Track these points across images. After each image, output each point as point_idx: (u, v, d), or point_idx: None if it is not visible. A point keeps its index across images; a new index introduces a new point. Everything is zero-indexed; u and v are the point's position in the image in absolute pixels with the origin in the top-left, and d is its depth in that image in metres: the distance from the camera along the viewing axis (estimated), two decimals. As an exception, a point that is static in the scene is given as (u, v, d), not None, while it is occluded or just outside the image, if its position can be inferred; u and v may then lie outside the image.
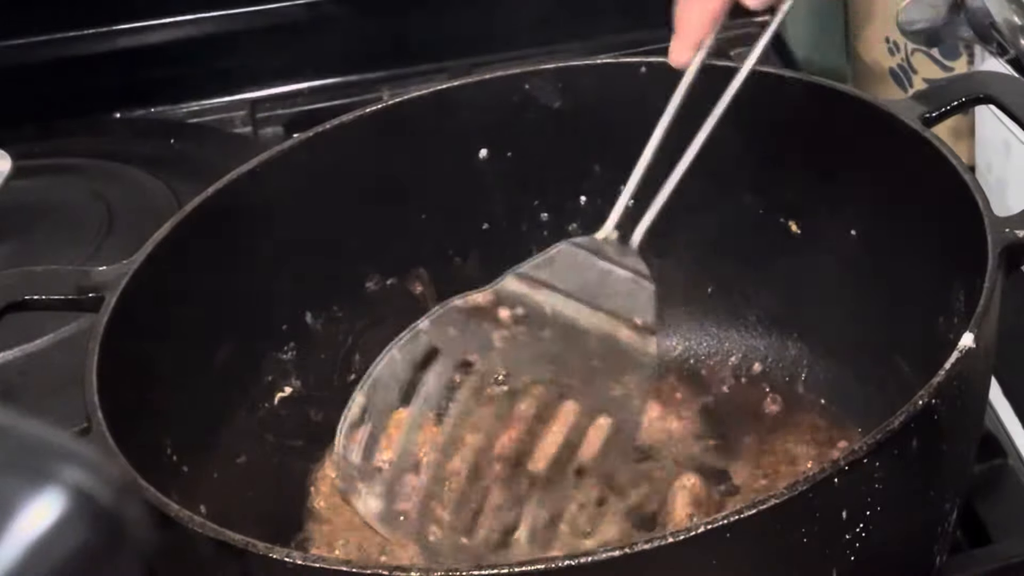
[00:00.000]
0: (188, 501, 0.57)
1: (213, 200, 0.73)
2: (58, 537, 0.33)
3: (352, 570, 0.52)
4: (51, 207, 0.98)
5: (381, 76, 1.16)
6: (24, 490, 0.33)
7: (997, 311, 0.61)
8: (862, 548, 0.56)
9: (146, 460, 0.59)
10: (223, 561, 0.54)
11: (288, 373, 0.78)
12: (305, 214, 0.76)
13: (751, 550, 0.54)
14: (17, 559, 0.33)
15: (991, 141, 0.92)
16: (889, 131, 0.70)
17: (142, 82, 1.15)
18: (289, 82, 1.16)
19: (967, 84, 0.74)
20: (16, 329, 0.74)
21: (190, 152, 1.07)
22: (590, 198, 0.82)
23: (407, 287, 0.82)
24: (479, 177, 0.80)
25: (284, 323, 0.78)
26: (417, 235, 0.80)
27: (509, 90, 0.79)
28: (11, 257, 0.90)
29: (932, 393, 0.56)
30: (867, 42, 1.05)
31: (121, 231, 0.94)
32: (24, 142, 1.02)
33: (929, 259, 0.69)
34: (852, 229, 0.75)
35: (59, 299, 0.68)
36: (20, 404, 0.80)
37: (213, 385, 0.73)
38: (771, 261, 0.79)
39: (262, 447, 0.75)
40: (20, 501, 0.33)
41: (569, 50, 1.14)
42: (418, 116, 0.79)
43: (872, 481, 0.55)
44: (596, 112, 0.79)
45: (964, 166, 0.66)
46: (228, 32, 1.14)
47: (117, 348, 0.64)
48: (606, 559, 0.51)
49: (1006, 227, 0.63)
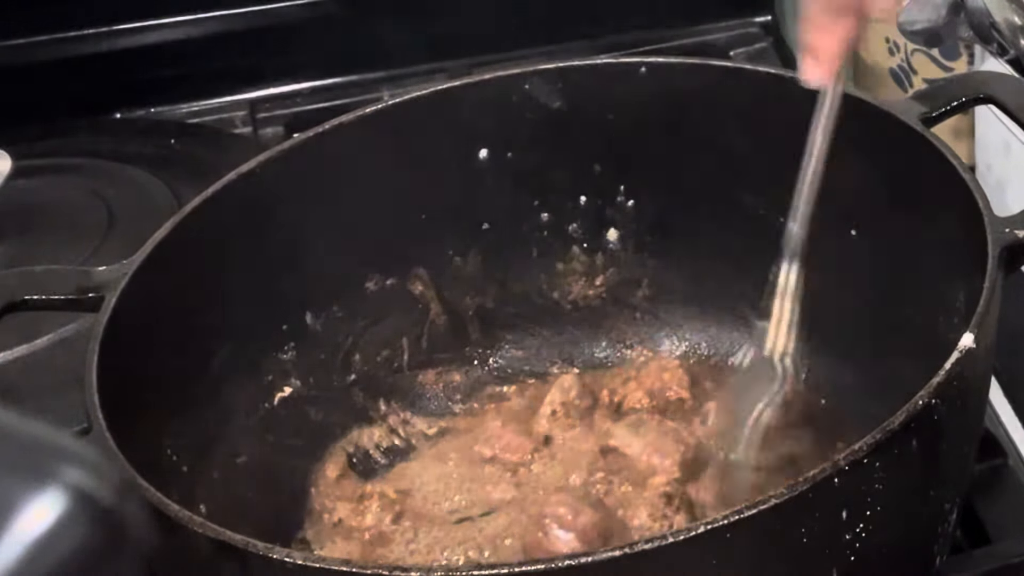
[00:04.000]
0: (188, 501, 0.58)
1: (213, 200, 0.73)
2: (58, 537, 0.33)
3: (352, 570, 0.52)
4: (51, 207, 0.98)
5: (381, 76, 1.16)
6: (24, 490, 0.33)
7: (997, 311, 0.61)
8: (862, 548, 0.56)
9: (146, 460, 0.59)
10: (223, 561, 0.54)
11: (288, 373, 0.78)
12: (305, 214, 0.76)
13: (751, 550, 0.54)
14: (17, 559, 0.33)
15: (991, 141, 0.92)
16: (889, 131, 0.70)
17: (142, 82, 1.15)
18: (289, 82, 1.16)
19: (967, 84, 0.74)
20: (16, 329, 0.74)
21: (190, 152, 1.06)
22: (590, 198, 0.82)
23: (407, 287, 0.82)
24: (479, 177, 0.80)
25: (284, 323, 0.78)
26: (417, 235, 0.80)
27: (509, 90, 0.79)
28: (11, 257, 0.90)
29: (932, 393, 0.56)
30: (867, 42, 1.05)
31: (121, 231, 0.94)
32: (24, 142, 1.02)
33: (929, 259, 0.69)
34: (852, 229, 0.75)
35: (59, 299, 0.68)
36: (20, 404, 0.80)
37: (213, 385, 0.73)
38: (771, 261, 0.79)
39: (262, 447, 0.75)
40: (20, 501, 0.33)
41: (569, 50, 1.14)
42: (418, 116, 0.79)
43: (872, 481, 0.55)
44: (596, 112, 0.79)
45: (964, 166, 0.66)
46: (228, 32, 1.14)
47: (117, 348, 0.64)
48: (606, 559, 0.51)
49: (1006, 227, 0.63)
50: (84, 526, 0.34)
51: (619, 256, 0.84)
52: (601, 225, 0.83)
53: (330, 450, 0.78)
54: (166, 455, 0.67)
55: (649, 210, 0.82)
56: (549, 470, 0.76)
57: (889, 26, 0.97)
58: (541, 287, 0.84)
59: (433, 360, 0.83)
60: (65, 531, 0.33)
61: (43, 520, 0.33)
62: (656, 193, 0.82)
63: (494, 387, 0.83)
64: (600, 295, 0.85)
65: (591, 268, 0.84)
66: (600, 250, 0.84)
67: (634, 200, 0.82)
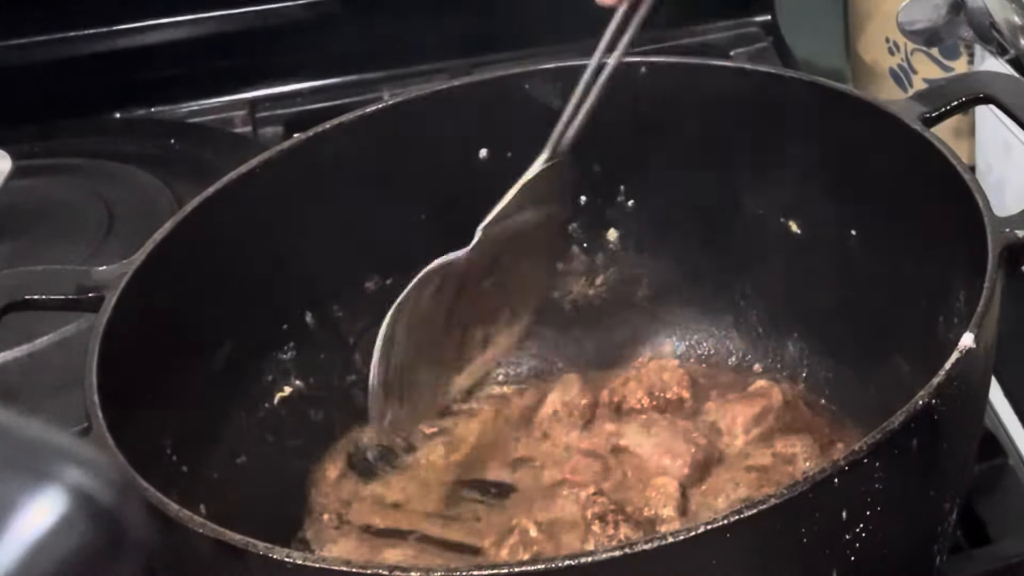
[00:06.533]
0: (188, 501, 0.57)
1: (213, 200, 0.73)
2: (58, 537, 0.33)
3: (352, 570, 0.52)
4: (51, 207, 0.98)
5: (381, 76, 1.16)
6: (24, 490, 0.33)
7: (997, 311, 0.61)
8: (862, 548, 0.56)
9: (146, 460, 0.59)
10: (223, 561, 0.54)
11: (288, 373, 0.78)
12: (305, 214, 0.77)
13: (751, 550, 0.54)
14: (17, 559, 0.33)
15: (991, 141, 0.92)
16: (889, 131, 0.70)
17: (142, 82, 1.15)
18: (289, 82, 1.17)
19: (967, 84, 0.74)
20: (16, 329, 0.74)
21: (190, 152, 1.07)
22: (590, 198, 0.82)
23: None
24: (479, 177, 0.80)
25: (284, 323, 0.78)
26: (417, 235, 0.80)
27: (509, 90, 0.79)
28: (11, 257, 0.90)
29: (932, 393, 0.56)
30: (867, 42, 1.05)
31: (121, 231, 0.94)
32: (24, 142, 1.03)
33: (929, 259, 0.69)
34: (852, 229, 0.75)
35: (59, 299, 0.68)
36: (20, 404, 0.80)
37: (213, 385, 0.73)
38: (771, 261, 0.79)
39: (262, 447, 0.75)
40: (20, 501, 0.33)
41: (569, 50, 1.14)
42: (418, 116, 0.79)
43: (872, 481, 0.55)
44: (596, 112, 0.79)
45: (964, 166, 0.66)
46: (228, 32, 1.14)
47: (117, 348, 0.64)
48: (606, 559, 0.51)
49: (1006, 227, 0.63)
50: (84, 526, 0.34)
51: (619, 256, 0.84)
52: (601, 225, 0.83)
53: (330, 450, 0.78)
54: (166, 455, 0.67)
55: (649, 210, 0.82)
56: (549, 469, 0.76)
57: (889, 26, 0.97)
58: (541, 287, 0.84)
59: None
60: (65, 531, 0.33)
61: (43, 520, 0.33)
62: (656, 193, 0.82)
63: (494, 387, 0.83)
64: (600, 295, 0.85)
65: (591, 268, 0.84)
66: (600, 250, 0.84)
67: (634, 200, 0.82)
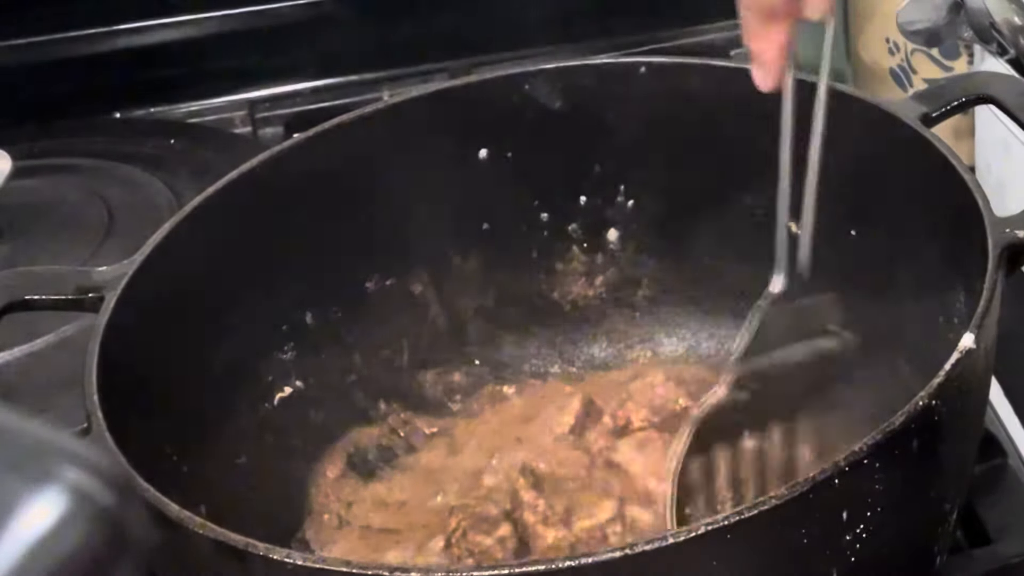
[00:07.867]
0: (188, 501, 0.57)
1: (213, 200, 0.73)
2: (58, 537, 0.33)
3: (352, 570, 0.52)
4: (51, 207, 0.98)
5: (381, 76, 1.16)
6: (24, 490, 0.33)
7: (997, 311, 0.61)
8: (862, 548, 0.56)
9: (146, 460, 0.59)
10: (223, 561, 0.54)
11: (288, 373, 0.78)
12: (305, 214, 0.77)
13: (751, 550, 0.54)
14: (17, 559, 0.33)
15: (991, 141, 0.92)
16: (889, 131, 0.70)
17: (142, 82, 1.15)
18: (289, 82, 1.17)
19: (967, 84, 0.74)
20: (16, 329, 0.74)
21: (190, 152, 1.07)
22: (590, 198, 0.82)
23: (407, 287, 0.82)
24: (479, 177, 0.80)
25: (284, 323, 0.78)
26: (417, 235, 0.80)
27: (509, 90, 0.79)
28: (11, 257, 0.91)
29: (932, 393, 0.56)
30: (867, 42, 1.05)
31: (121, 231, 0.95)
32: (24, 142, 1.03)
33: (929, 259, 0.69)
34: (852, 229, 0.75)
35: (59, 299, 0.68)
36: (20, 404, 0.80)
37: (213, 385, 0.73)
38: (770, 261, 0.79)
39: (262, 447, 0.75)
40: (20, 501, 0.33)
41: (569, 50, 1.14)
42: (418, 116, 0.79)
43: (872, 481, 0.55)
44: (596, 112, 0.79)
45: (964, 166, 0.66)
46: (228, 32, 1.14)
47: (117, 348, 0.64)
48: (606, 559, 0.51)
49: (1006, 227, 0.63)
50: (84, 526, 0.34)
51: (619, 256, 0.84)
52: (601, 225, 0.83)
53: (330, 450, 0.78)
54: (166, 455, 0.67)
55: (649, 210, 0.82)
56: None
57: (889, 26, 0.97)
58: (541, 287, 0.84)
59: (433, 360, 0.83)
60: (65, 531, 0.33)
61: (43, 520, 0.33)
62: (656, 193, 0.82)
63: (494, 387, 0.83)
64: (600, 295, 0.85)
65: (591, 268, 0.84)
66: (600, 250, 0.84)
67: (634, 200, 0.82)
